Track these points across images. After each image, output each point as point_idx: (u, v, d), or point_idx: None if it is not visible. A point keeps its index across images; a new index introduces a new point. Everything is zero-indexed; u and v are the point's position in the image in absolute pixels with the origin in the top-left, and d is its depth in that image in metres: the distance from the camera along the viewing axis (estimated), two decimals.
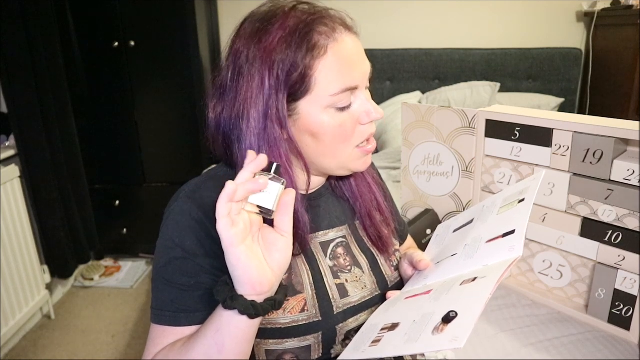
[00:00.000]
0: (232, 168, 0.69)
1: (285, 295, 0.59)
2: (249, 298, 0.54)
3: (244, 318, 0.55)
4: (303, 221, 0.66)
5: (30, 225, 2.01)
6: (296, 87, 0.61)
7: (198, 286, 0.63)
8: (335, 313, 0.68)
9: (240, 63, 0.62)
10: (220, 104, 0.65)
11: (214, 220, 0.63)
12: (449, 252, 0.72)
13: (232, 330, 0.55)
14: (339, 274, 0.71)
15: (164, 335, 0.63)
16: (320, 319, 0.67)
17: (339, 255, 0.73)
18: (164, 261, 0.64)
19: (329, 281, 0.70)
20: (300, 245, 0.67)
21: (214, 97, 0.66)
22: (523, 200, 0.68)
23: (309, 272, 0.69)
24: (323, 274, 0.70)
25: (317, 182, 0.75)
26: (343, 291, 0.70)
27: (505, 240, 0.63)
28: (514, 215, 0.67)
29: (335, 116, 0.63)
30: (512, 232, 0.64)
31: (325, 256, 0.72)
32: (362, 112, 0.65)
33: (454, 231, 0.79)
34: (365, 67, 0.66)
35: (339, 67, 0.61)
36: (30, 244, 2.00)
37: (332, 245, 0.73)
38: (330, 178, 0.78)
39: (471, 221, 0.77)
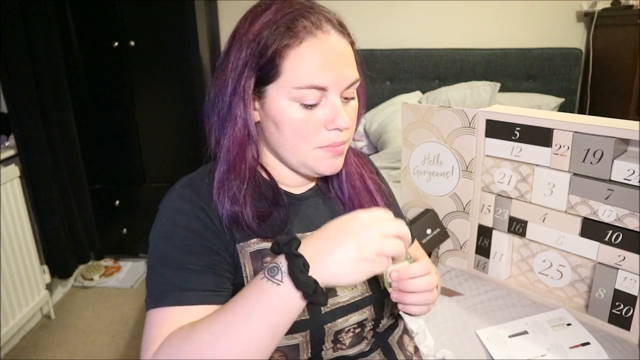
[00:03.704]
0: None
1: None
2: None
3: (299, 301, 0.54)
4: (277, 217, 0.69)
5: (30, 225, 2.00)
6: (265, 70, 0.62)
7: (206, 268, 0.62)
8: (323, 312, 0.68)
9: (234, 40, 0.65)
10: (214, 80, 0.68)
11: (212, 211, 0.65)
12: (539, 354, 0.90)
13: (289, 315, 0.54)
14: None
15: (167, 316, 0.59)
16: (308, 317, 0.66)
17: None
18: (168, 246, 0.63)
19: None
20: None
21: (212, 82, 0.68)
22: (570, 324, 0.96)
23: None
24: None
25: (305, 181, 0.75)
26: (331, 291, 0.70)
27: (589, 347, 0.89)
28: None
29: (299, 111, 0.63)
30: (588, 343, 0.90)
31: None
32: (328, 117, 0.64)
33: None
34: (344, 73, 0.64)
35: (309, 62, 0.61)
36: (30, 244, 2.00)
37: None
38: (322, 180, 0.78)
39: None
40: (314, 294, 0.52)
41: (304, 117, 0.63)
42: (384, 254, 0.53)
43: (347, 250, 0.52)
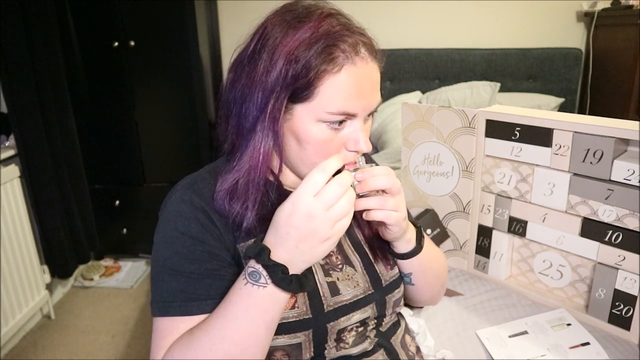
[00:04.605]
0: (228, 154, 0.70)
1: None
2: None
3: (287, 295, 0.60)
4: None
5: (30, 225, 2.00)
6: (299, 91, 0.62)
7: (208, 273, 0.63)
8: (326, 311, 0.68)
9: (266, 40, 0.63)
10: (236, 76, 0.66)
11: (214, 211, 0.65)
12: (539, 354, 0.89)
13: (280, 308, 0.60)
14: (330, 272, 0.71)
15: (173, 326, 0.62)
16: (311, 316, 0.67)
17: (330, 253, 0.73)
18: (170, 252, 0.64)
19: (320, 279, 0.70)
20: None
21: (231, 71, 0.68)
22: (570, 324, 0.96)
23: None
24: (314, 271, 0.70)
25: None
26: (334, 289, 0.70)
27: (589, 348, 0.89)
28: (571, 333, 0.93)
29: (324, 131, 0.64)
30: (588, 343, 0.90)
31: None
32: (351, 139, 0.65)
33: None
34: (372, 99, 0.65)
35: (345, 89, 0.61)
36: (30, 244, 2.00)
37: None
38: None
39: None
40: (302, 287, 0.59)
41: (328, 138, 0.64)
42: (338, 219, 0.58)
43: (308, 243, 0.57)
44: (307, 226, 0.56)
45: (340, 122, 0.64)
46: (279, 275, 0.57)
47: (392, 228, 0.70)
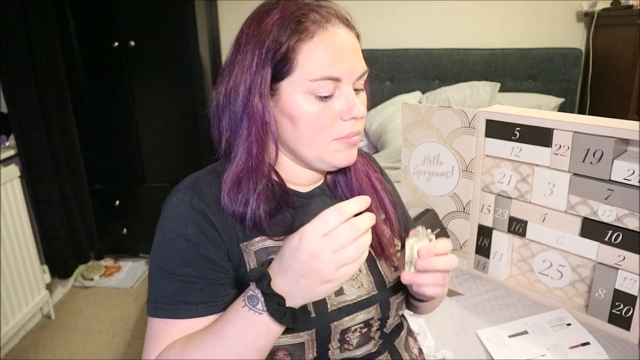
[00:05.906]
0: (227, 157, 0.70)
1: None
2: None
3: (281, 327, 0.58)
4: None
5: (30, 225, 2.00)
6: (280, 67, 0.63)
7: (200, 278, 0.63)
8: (329, 310, 0.68)
9: (240, 42, 0.65)
10: (221, 83, 0.67)
11: (215, 212, 0.65)
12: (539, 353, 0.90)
13: (274, 337, 0.59)
14: None
15: (165, 329, 0.62)
16: (314, 315, 0.66)
17: None
18: (165, 253, 0.64)
19: None
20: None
21: (218, 79, 0.68)
22: (570, 324, 0.97)
23: None
24: None
25: (314, 179, 0.75)
26: (338, 289, 0.70)
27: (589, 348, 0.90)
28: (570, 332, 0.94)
29: (314, 104, 0.64)
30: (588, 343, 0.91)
31: None
32: (343, 108, 0.65)
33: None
34: (355, 64, 0.65)
35: (323, 54, 0.62)
36: (30, 244, 2.00)
37: None
38: (329, 178, 0.78)
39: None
40: (295, 322, 0.57)
41: (319, 110, 0.64)
42: (343, 264, 0.54)
43: (308, 280, 0.55)
44: (309, 264, 0.54)
45: (330, 95, 0.64)
46: (274, 305, 0.56)
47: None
